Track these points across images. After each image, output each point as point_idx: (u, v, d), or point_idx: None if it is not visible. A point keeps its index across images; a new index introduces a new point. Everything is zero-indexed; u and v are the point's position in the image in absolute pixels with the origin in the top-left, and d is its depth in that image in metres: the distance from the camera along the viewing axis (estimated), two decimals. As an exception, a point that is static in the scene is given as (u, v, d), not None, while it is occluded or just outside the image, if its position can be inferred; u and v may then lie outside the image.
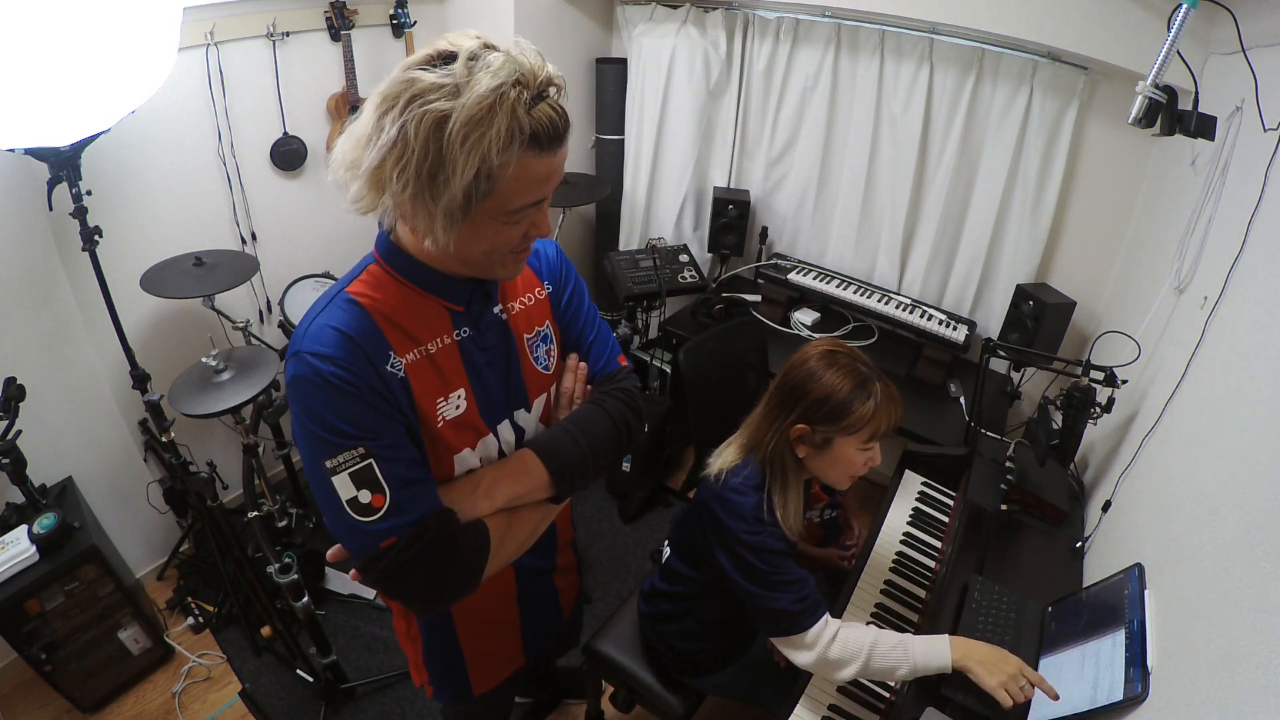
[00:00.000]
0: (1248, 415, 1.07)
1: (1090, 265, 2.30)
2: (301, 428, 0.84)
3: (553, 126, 0.76)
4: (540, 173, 0.78)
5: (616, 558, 2.60)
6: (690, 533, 1.43)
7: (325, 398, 0.81)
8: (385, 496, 0.83)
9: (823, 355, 1.26)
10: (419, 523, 0.85)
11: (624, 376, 1.11)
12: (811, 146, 2.69)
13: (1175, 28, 1.19)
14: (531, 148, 0.75)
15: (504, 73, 0.73)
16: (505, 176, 0.76)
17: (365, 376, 0.83)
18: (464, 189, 0.74)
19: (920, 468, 1.94)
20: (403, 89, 0.73)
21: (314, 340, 0.83)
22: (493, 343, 0.97)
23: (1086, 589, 1.35)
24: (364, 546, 0.84)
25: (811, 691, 1.35)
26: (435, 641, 1.15)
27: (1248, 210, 1.26)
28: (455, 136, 0.71)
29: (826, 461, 1.27)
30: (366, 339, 0.84)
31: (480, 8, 2.63)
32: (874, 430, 1.22)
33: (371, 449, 0.83)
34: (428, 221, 0.77)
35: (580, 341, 1.10)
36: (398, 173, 0.74)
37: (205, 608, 2.30)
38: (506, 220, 0.81)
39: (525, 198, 0.80)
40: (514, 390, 1.01)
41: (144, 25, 1.61)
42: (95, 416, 2.15)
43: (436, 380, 0.91)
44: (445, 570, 0.87)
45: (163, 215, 2.19)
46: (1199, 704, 0.89)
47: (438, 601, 0.89)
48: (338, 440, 0.82)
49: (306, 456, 0.85)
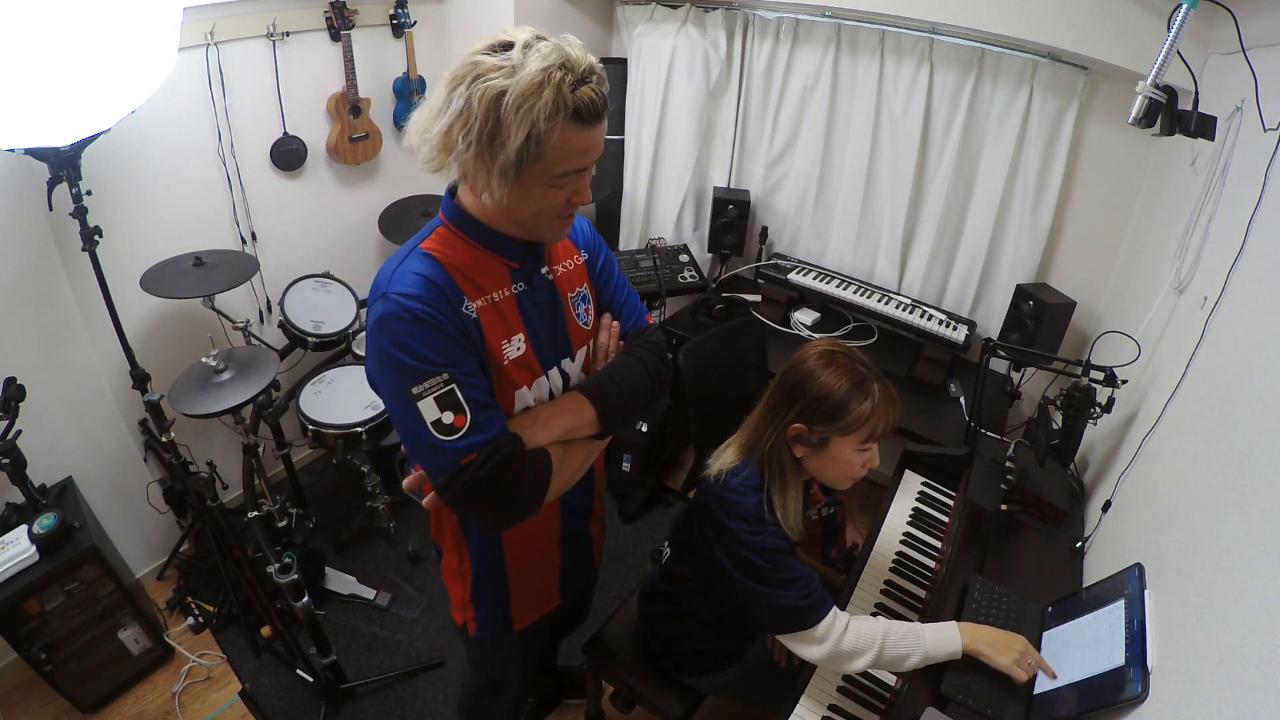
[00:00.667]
0: (1248, 415, 1.07)
1: (1090, 265, 2.30)
2: (388, 360, 0.96)
3: (592, 105, 0.91)
4: (581, 144, 0.93)
5: (616, 557, 2.60)
6: (690, 533, 1.43)
7: (413, 330, 0.94)
8: (466, 417, 0.96)
9: (821, 355, 1.26)
10: (495, 440, 0.98)
11: (652, 332, 1.27)
12: (811, 146, 2.69)
13: (1175, 28, 1.19)
14: (574, 121, 0.90)
15: (552, 57, 0.88)
16: (551, 144, 0.90)
17: (446, 314, 0.97)
18: (516, 151, 0.88)
19: (920, 468, 1.94)
20: (469, 70, 0.89)
21: (400, 284, 0.97)
22: (542, 298, 1.12)
23: (1086, 589, 1.35)
24: (447, 464, 0.96)
25: (812, 691, 1.35)
26: (485, 576, 1.27)
27: (1248, 210, 1.26)
28: (510, 107, 0.86)
29: (824, 462, 1.27)
30: (445, 285, 0.98)
31: (480, 8, 2.63)
32: (871, 431, 1.22)
33: (454, 375, 0.96)
34: (485, 178, 0.92)
35: (613, 303, 1.25)
36: (463, 135, 0.89)
37: (205, 608, 2.30)
38: (552, 184, 0.96)
39: (568, 164, 0.94)
40: (560, 341, 1.15)
41: (144, 25, 1.61)
42: (95, 416, 2.15)
43: (501, 324, 1.05)
44: (516, 486, 1.01)
45: (163, 215, 2.19)
46: (1199, 704, 0.89)
47: (508, 517, 1.02)
48: (425, 367, 0.94)
49: (392, 387, 0.97)
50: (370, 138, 2.61)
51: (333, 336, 2.40)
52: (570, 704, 2.11)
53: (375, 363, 0.99)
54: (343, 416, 2.22)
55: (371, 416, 2.21)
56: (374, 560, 2.54)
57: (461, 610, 1.33)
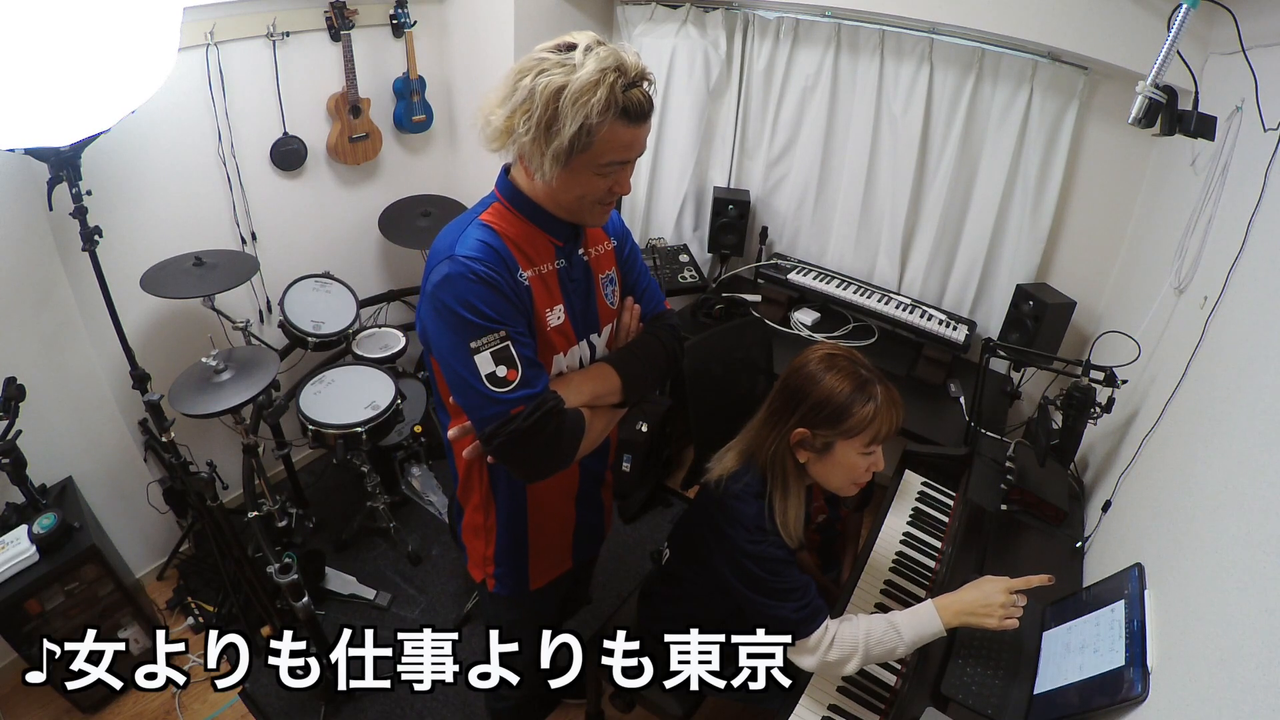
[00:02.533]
0: (1248, 415, 1.07)
1: (1090, 265, 2.30)
2: (451, 315, 1.04)
3: (640, 106, 1.01)
4: (626, 139, 1.03)
5: (617, 557, 2.60)
6: (690, 536, 1.43)
7: (477, 290, 1.04)
8: (518, 371, 1.05)
9: (822, 359, 1.26)
10: (541, 394, 1.07)
11: (669, 316, 1.39)
12: (811, 147, 2.69)
13: (1175, 28, 1.19)
14: (622, 118, 1.00)
15: (609, 61, 0.98)
16: (600, 136, 1.00)
17: (505, 278, 1.07)
18: (570, 139, 0.98)
19: (920, 468, 1.94)
20: (535, 64, 1.00)
21: (465, 247, 1.06)
22: (578, 276, 1.22)
23: (1086, 589, 1.35)
24: (497, 414, 1.05)
25: (811, 691, 1.35)
26: (509, 533, 1.35)
27: (1248, 210, 1.26)
28: (568, 100, 0.96)
29: (828, 466, 1.26)
30: (504, 253, 1.09)
31: (480, 8, 2.63)
32: (875, 434, 1.22)
33: (510, 333, 1.05)
34: (540, 160, 1.02)
35: (636, 287, 1.36)
36: (524, 121, 1.00)
37: (205, 608, 2.30)
38: (598, 172, 1.05)
39: (613, 155, 1.04)
40: (591, 316, 1.25)
41: (144, 25, 1.61)
42: (95, 416, 2.15)
43: (546, 294, 1.15)
44: (556, 439, 1.09)
45: (163, 215, 2.19)
46: (1199, 704, 0.89)
47: (544, 467, 1.12)
48: (485, 324, 1.04)
49: (450, 340, 1.05)
50: (370, 138, 2.61)
51: (333, 336, 2.40)
52: (570, 704, 2.11)
53: (434, 319, 1.07)
54: (343, 416, 2.22)
55: (371, 416, 2.21)
56: (374, 560, 2.54)
57: (481, 566, 1.41)
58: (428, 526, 2.69)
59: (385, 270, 2.97)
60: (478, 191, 1.23)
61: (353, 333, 2.44)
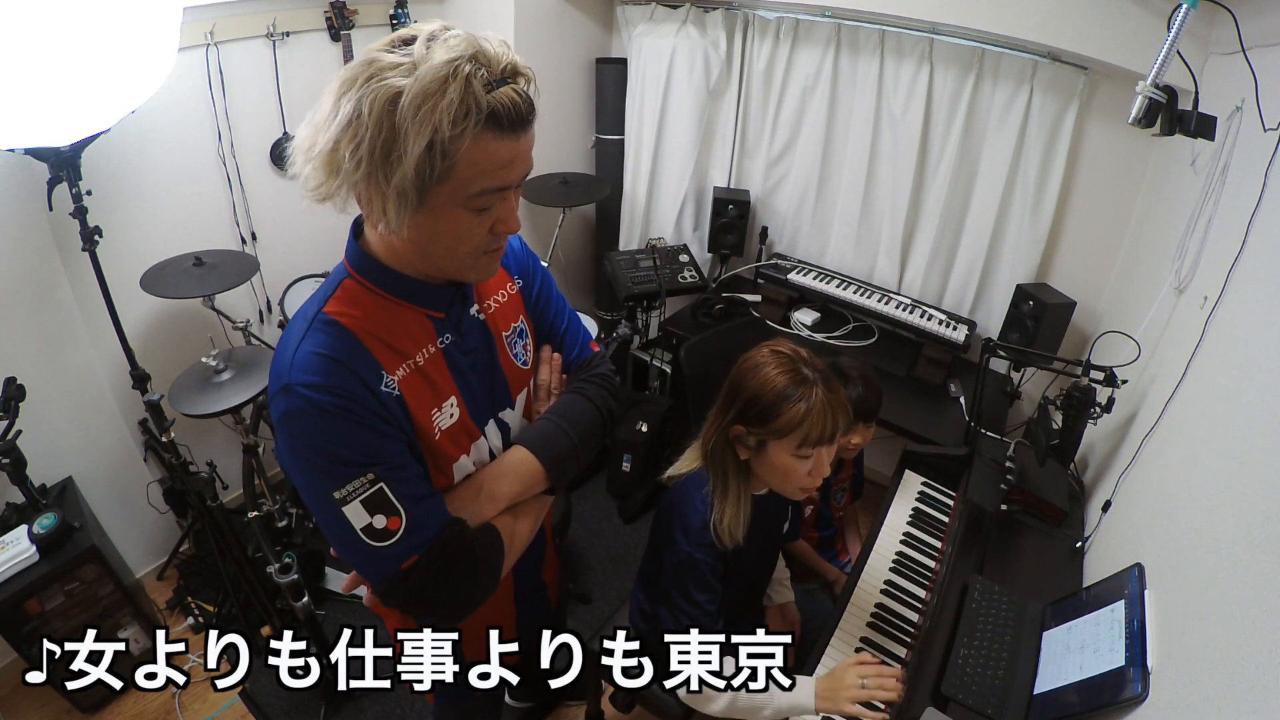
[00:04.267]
0: (1248, 415, 1.07)
1: (1090, 265, 2.29)
2: (302, 462, 0.82)
3: (514, 109, 0.74)
4: (502, 156, 0.76)
5: (617, 557, 2.60)
6: (654, 530, 1.45)
7: (325, 427, 0.79)
8: (401, 518, 0.82)
9: (767, 353, 1.21)
10: (438, 538, 0.85)
11: (599, 362, 1.13)
12: (811, 146, 2.69)
13: (1175, 28, 1.19)
14: (490, 127, 0.73)
15: (460, 48, 0.71)
16: (461, 155, 0.73)
17: (362, 399, 0.81)
18: (416, 164, 0.71)
19: (920, 468, 1.94)
20: (361, 70, 0.72)
21: (302, 370, 0.80)
22: (474, 345, 0.97)
23: (1086, 589, 1.35)
24: (385, 572, 0.84)
25: (811, 691, 1.35)
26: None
27: (1248, 210, 1.26)
28: (408, 110, 0.69)
29: (767, 468, 1.23)
30: (356, 361, 0.82)
31: (480, 7, 2.63)
32: (804, 436, 1.14)
33: (380, 473, 0.81)
34: (381, 203, 0.75)
35: (553, 332, 1.11)
36: (350, 150, 0.72)
37: (205, 608, 2.30)
38: (467, 207, 0.78)
39: (485, 181, 0.77)
40: (498, 390, 1.01)
41: (144, 25, 1.61)
42: (95, 416, 2.15)
43: (429, 392, 0.90)
44: (469, 578, 0.88)
45: (163, 215, 2.19)
46: (1199, 704, 0.89)
47: (464, 610, 0.90)
48: (345, 469, 0.80)
49: (311, 490, 0.83)
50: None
51: (333, 336, 2.40)
52: (569, 706, 2.11)
53: (289, 462, 0.84)
54: (343, 416, 2.21)
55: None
56: (374, 560, 2.54)
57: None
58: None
59: (385, 270, 2.97)
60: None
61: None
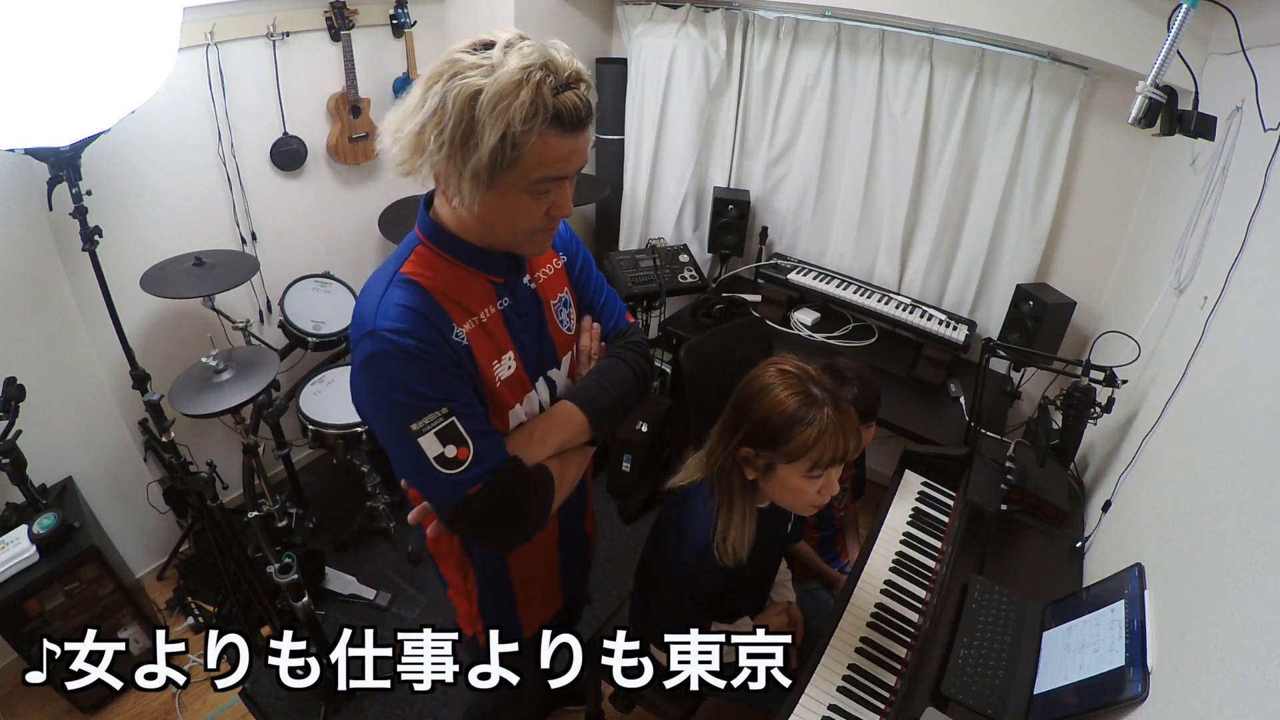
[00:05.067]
0: (1248, 415, 1.07)
1: (1090, 265, 2.30)
2: (382, 398, 0.93)
3: (575, 111, 0.86)
4: (562, 151, 0.88)
5: (617, 557, 2.60)
6: (653, 536, 1.46)
7: (407, 367, 0.91)
8: (469, 449, 0.94)
9: (775, 373, 1.20)
10: (499, 469, 0.97)
11: (634, 332, 1.27)
12: (811, 146, 2.69)
13: (1175, 28, 1.19)
14: (554, 126, 0.85)
15: (533, 57, 0.84)
16: (528, 147, 0.85)
17: (438, 345, 0.94)
18: (490, 152, 0.84)
19: (920, 468, 1.94)
20: (446, 68, 0.85)
21: (386, 318, 0.92)
22: (527, 310, 1.09)
23: (1086, 589, 1.35)
24: (454, 498, 0.96)
25: (812, 691, 1.35)
26: (491, 590, 1.27)
27: (1248, 210, 1.26)
28: (485, 106, 0.82)
29: (775, 487, 1.23)
30: (432, 313, 0.95)
31: (480, 7, 2.63)
32: (816, 459, 1.14)
33: (453, 408, 0.93)
34: (457, 181, 0.88)
35: (593, 305, 1.24)
36: (435, 135, 0.85)
37: (205, 608, 2.30)
38: (529, 191, 0.91)
39: (546, 171, 0.89)
40: (547, 351, 1.13)
41: (144, 25, 1.61)
42: (95, 416, 2.15)
43: (491, 346, 1.03)
44: (524, 509, 1.00)
45: (163, 215, 2.19)
46: (1199, 704, 0.89)
47: (519, 538, 1.02)
48: (422, 404, 0.92)
49: (388, 424, 0.94)
50: (370, 138, 2.61)
51: (333, 336, 2.40)
52: (568, 710, 2.11)
53: (368, 401, 0.95)
54: (343, 416, 2.22)
55: (371, 416, 2.21)
56: (374, 560, 2.54)
57: (470, 623, 1.33)
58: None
59: (385, 270, 2.97)
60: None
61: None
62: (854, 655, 1.42)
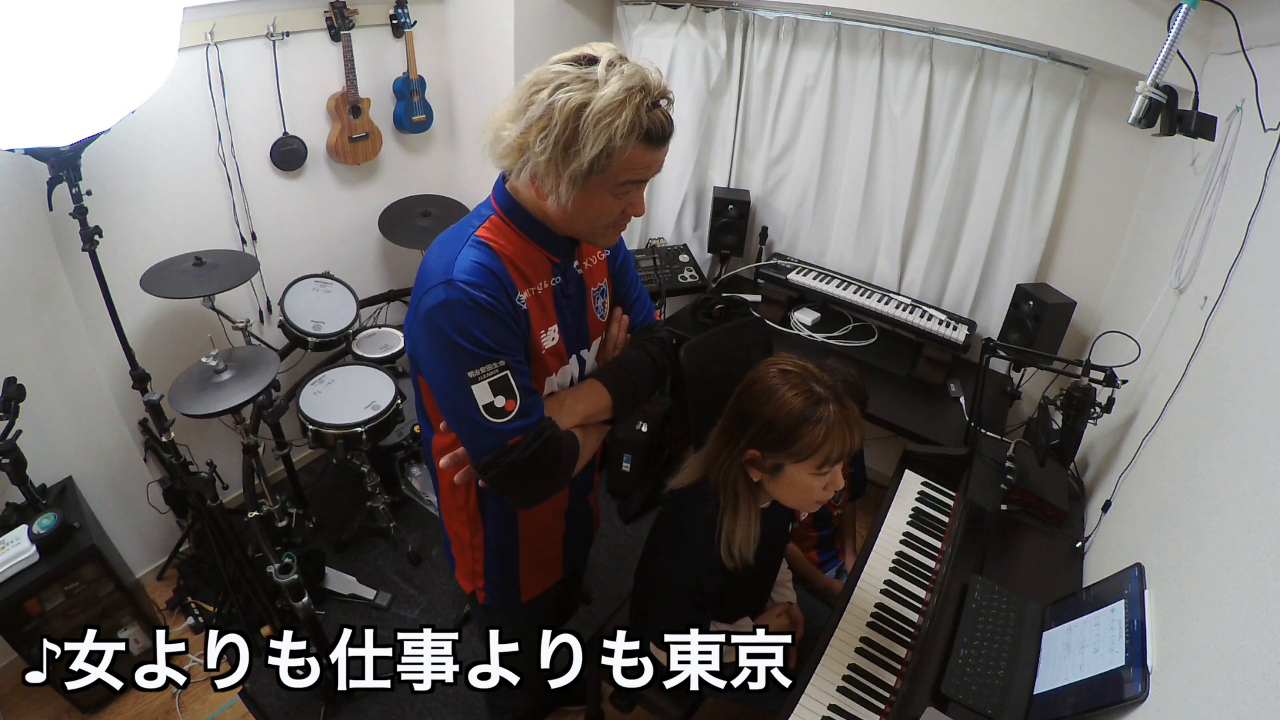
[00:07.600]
0: (1248, 415, 1.07)
1: (1090, 265, 2.29)
2: (447, 343, 1.01)
3: (663, 128, 0.98)
4: (647, 160, 1.00)
5: (617, 557, 2.60)
6: (651, 538, 1.46)
7: (476, 318, 1.00)
8: (516, 401, 1.02)
9: (776, 374, 1.21)
10: (538, 424, 1.05)
11: (659, 328, 1.37)
12: (811, 146, 2.69)
13: (1175, 28, 1.19)
14: (644, 140, 0.96)
15: (635, 79, 0.93)
16: (621, 158, 0.96)
17: (504, 303, 1.03)
18: (589, 161, 0.94)
19: (920, 468, 1.94)
20: (553, 77, 0.94)
21: (464, 270, 1.01)
22: (573, 291, 1.19)
23: (1086, 589, 1.35)
24: (494, 445, 1.03)
25: (812, 691, 1.35)
26: (497, 548, 1.33)
27: (1248, 210, 1.26)
28: (590, 120, 0.92)
29: (782, 487, 1.24)
30: (502, 275, 1.04)
31: (480, 7, 2.63)
32: (825, 456, 1.16)
33: (509, 362, 1.02)
34: (555, 181, 0.97)
35: (626, 298, 1.33)
36: (539, 138, 0.94)
37: (205, 608, 2.30)
38: (613, 192, 1.01)
39: (631, 175, 1.00)
40: (582, 331, 1.23)
41: (144, 25, 1.61)
42: (95, 416, 2.15)
43: (542, 315, 1.12)
44: (554, 466, 1.09)
45: (163, 215, 2.19)
46: (1199, 704, 0.89)
47: (540, 493, 1.11)
48: (483, 353, 1.00)
49: (446, 367, 1.02)
50: (370, 138, 2.61)
51: (333, 336, 2.40)
52: (568, 711, 2.11)
53: (428, 343, 1.03)
54: (343, 416, 2.22)
55: (371, 416, 2.21)
56: (374, 560, 2.54)
57: (470, 578, 1.39)
58: (428, 526, 2.69)
59: (385, 270, 2.97)
60: (478, 192, 1.23)
61: (353, 333, 2.44)
62: (854, 655, 1.42)
